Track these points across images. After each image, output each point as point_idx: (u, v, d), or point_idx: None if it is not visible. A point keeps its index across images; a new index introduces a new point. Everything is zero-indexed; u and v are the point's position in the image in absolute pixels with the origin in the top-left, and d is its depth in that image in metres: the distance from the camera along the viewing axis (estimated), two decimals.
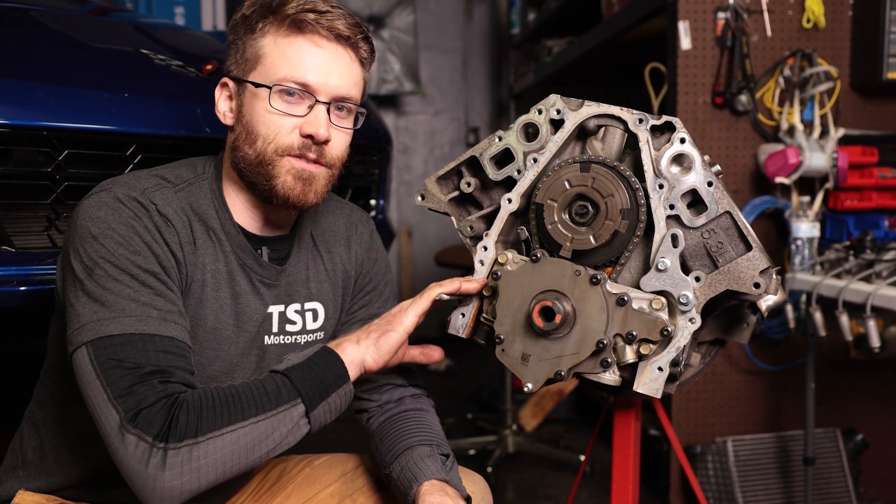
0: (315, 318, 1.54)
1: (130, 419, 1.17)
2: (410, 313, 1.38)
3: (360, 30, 1.41)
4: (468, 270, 3.47)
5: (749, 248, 1.32)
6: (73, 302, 1.26)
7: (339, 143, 1.42)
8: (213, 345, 1.40)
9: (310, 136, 1.37)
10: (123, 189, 1.33)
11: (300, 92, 1.36)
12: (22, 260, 1.67)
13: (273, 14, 1.37)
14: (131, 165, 1.79)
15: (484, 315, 1.45)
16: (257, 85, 1.36)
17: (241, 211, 1.44)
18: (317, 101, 1.37)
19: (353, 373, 1.33)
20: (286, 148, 1.36)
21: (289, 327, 1.50)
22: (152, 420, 1.16)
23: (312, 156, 1.38)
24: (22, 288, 1.66)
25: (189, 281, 1.36)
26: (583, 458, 3.31)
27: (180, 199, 1.38)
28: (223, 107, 1.44)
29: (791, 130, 2.68)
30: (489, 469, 3.34)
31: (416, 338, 1.42)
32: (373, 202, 2.59)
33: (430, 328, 5.18)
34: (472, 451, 3.59)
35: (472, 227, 1.50)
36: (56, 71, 1.77)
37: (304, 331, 1.52)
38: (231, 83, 1.43)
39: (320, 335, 1.55)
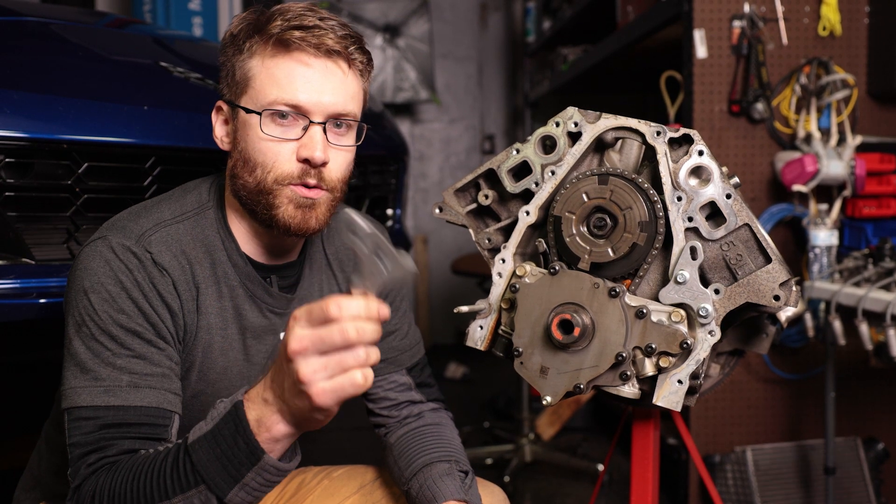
0: None
1: (71, 494, 1.21)
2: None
3: (353, 40, 1.34)
4: (485, 279, 3.49)
5: (768, 260, 1.32)
6: (65, 355, 1.28)
7: (338, 163, 1.36)
8: (225, 384, 1.39)
9: (306, 161, 1.30)
10: (119, 236, 1.29)
11: (293, 114, 1.30)
12: (42, 272, 1.68)
13: (259, 33, 1.31)
14: (150, 177, 1.80)
15: (502, 327, 1.45)
16: (248, 111, 1.31)
17: (247, 239, 1.40)
18: (311, 122, 1.30)
19: (274, 446, 1.11)
20: (287, 176, 1.31)
21: None
22: (81, 501, 1.19)
23: (313, 181, 1.32)
24: (42, 300, 1.67)
25: (194, 329, 1.34)
26: (601, 467, 3.31)
27: (182, 236, 1.34)
28: (219, 132, 1.39)
29: (808, 138, 2.67)
30: (506, 478, 3.33)
31: (431, 346, 1.42)
32: (389, 212, 2.59)
33: (447, 337, 5.23)
34: (488, 461, 3.58)
35: (489, 240, 1.50)
36: (76, 84, 1.78)
37: None
38: (225, 107, 1.38)
39: None
